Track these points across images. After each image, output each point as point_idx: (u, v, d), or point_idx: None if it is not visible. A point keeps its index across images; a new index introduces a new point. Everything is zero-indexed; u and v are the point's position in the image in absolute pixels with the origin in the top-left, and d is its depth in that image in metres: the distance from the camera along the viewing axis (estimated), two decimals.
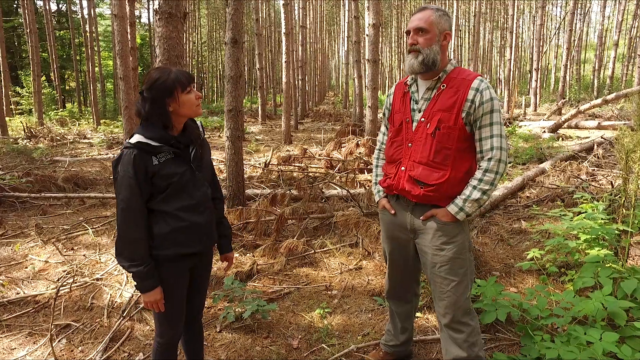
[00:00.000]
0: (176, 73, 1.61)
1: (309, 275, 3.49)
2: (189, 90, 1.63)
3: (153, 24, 2.77)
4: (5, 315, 3.00)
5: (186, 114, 1.66)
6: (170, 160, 1.63)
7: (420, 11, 1.81)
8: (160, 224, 1.64)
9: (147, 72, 1.62)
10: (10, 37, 23.65)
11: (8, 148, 10.07)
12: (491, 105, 1.73)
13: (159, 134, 1.60)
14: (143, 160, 1.57)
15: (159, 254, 1.65)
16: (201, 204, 1.71)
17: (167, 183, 1.61)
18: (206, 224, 1.74)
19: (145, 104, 1.61)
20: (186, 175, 1.66)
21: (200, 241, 1.72)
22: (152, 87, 1.59)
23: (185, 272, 1.75)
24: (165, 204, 1.63)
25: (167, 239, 1.64)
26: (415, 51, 1.78)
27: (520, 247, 3.96)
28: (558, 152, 7.53)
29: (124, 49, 5.68)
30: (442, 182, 1.76)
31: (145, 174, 1.58)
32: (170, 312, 1.73)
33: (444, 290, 1.84)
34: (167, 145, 1.61)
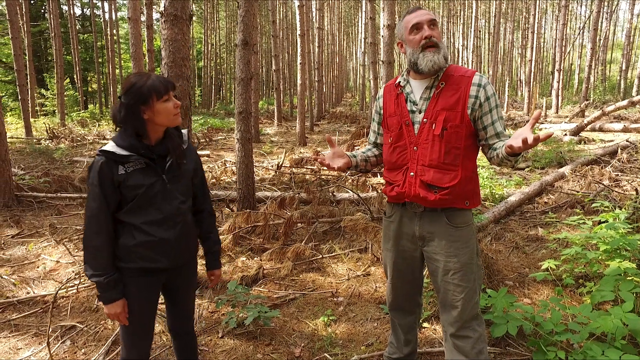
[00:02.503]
0: (154, 80, 1.54)
1: (315, 281, 3.43)
2: (166, 98, 1.55)
3: (159, 25, 2.75)
4: (14, 315, 3.03)
5: (162, 123, 1.58)
6: (139, 171, 1.56)
7: (421, 9, 1.76)
8: (126, 236, 1.58)
9: (127, 77, 1.57)
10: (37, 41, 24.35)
11: (31, 148, 10.36)
12: (495, 100, 1.72)
13: (129, 142, 1.54)
14: (109, 169, 1.52)
15: (122, 266, 1.59)
16: (170, 219, 1.63)
17: (133, 194, 1.55)
18: (176, 240, 1.65)
19: (121, 109, 1.54)
20: (155, 187, 1.58)
21: (167, 257, 1.64)
22: (127, 93, 1.53)
23: (153, 288, 1.67)
24: (131, 216, 1.57)
25: (131, 252, 1.58)
26: (435, 46, 1.70)
27: (536, 255, 3.81)
28: (579, 156, 7.28)
29: (137, 51, 5.76)
30: (455, 183, 1.69)
31: (112, 183, 1.52)
32: (133, 328, 1.65)
33: (456, 298, 1.76)
34: (136, 154, 1.54)
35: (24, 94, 13.00)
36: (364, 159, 2.01)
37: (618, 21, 43.57)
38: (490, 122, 1.71)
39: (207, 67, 29.63)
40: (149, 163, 1.57)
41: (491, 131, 1.71)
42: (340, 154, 1.89)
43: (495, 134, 1.71)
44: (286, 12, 26.55)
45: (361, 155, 2.02)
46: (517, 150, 1.48)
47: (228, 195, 5.44)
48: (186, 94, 2.89)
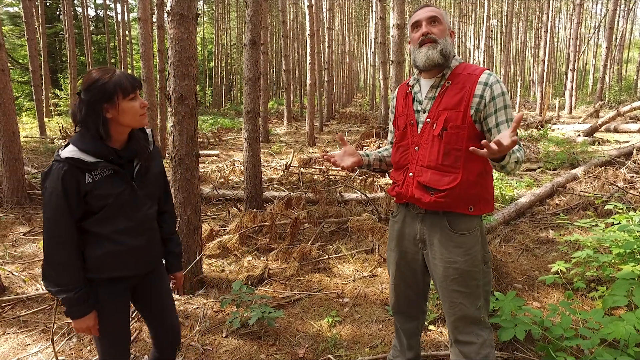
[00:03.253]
0: (119, 76, 1.41)
1: (321, 282, 3.40)
2: (133, 97, 1.43)
3: (166, 25, 2.76)
4: (23, 311, 3.07)
5: (128, 124, 1.45)
6: (107, 178, 1.43)
7: (426, 6, 1.72)
8: (93, 246, 1.46)
9: (89, 72, 1.44)
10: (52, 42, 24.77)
11: (44, 148, 10.52)
12: (503, 101, 1.61)
13: (95, 146, 1.40)
14: (74, 177, 1.37)
15: (91, 277, 1.49)
16: (140, 226, 1.53)
17: (102, 204, 1.42)
18: (145, 247, 1.57)
19: (81, 106, 1.40)
20: (124, 195, 1.47)
21: (137, 264, 1.56)
22: (89, 89, 1.39)
23: (123, 293, 1.58)
24: (99, 226, 1.45)
25: (100, 263, 1.48)
26: (432, 41, 1.64)
27: (546, 258, 3.74)
28: (592, 157, 7.13)
29: (146, 51, 5.80)
30: (453, 186, 1.63)
31: (77, 193, 1.39)
32: (109, 339, 1.56)
33: (455, 304, 1.71)
34: (105, 160, 1.41)
35: (38, 94, 13.22)
36: (379, 158, 1.96)
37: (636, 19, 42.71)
38: (494, 124, 1.61)
39: (217, 67, 29.82)
40: (118, 170, 1.46)
41: (495, 134, 1.61)
42: (351, 153, 1.85)
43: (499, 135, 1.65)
44: (297, 13, 26.59)
45: (376, 154, 1.97)
46: (489, 155, 1.39)
47: (236, 195, 5.45)
48: (192, 93, 2.90)
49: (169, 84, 2.89)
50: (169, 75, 2.89)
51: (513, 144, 1.34)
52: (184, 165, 2.94)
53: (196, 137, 2.98)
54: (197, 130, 3.00)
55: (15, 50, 23.62)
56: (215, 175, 7.10)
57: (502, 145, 1.34)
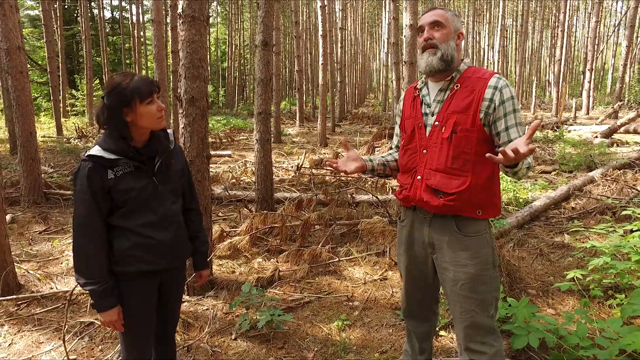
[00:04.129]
0: (137, 81, 1.49)
1: (331, 284, 3.39)
2: (150, 101, 1.50)
3: (177, 27, 2.78)
4: (38, 309, 3.12)
5: (145, 126, 1.54)
6: (129, 174, 1.52)
7: (433, 9, 1.70)
8: (120, 240, 1.55)
9: (111, 76, 1.53)
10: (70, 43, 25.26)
11: (61, 147, 10.72)
12: (513, 105, 1.60)
13: (116, 145, 1.49)
14: (98, 174, 1.47)
15: (119, 270, 1.56)
16: (165, 220, 1.61)
17: (125, 198, 1.51)
18: (172, 241, 1.63)
19: (104, 110, 1.49)
20: (147, 189, 1.56)
21: (164, 258, 1.62)
22: (110, 94, 1.48)
23: (152, 290, 1.66)
24: (125, 220, 1.53)
25: (128, 255, 1.55)
26: (433, 47, 1.65)
27: (562, 263, 3.66)
28: (611, 160, 6.97)
29: (159, 52, 5.86)
30: (462, 189, 1.61)
31: (102, 188, 1.48)
32: (135, 333, 1.63)
33: (465, 310, 1.69)
34: (125, 157, 1.51)
35: (56, 95, 13.49)
36: (382, 163, 1.95)
37: None
38: (503, 128, 1.60)
39: (230, 68, 30.01)
40: (139, 166, 1.54)
41: (504, 138, 1.60)
42: (355, 158, 1.85)
43: (508, 141, 1.59)
44: (309, 13, 26.61)
45: (380, 159, 1.96)
46: (505, 162, 1.36)
47: (247, 196, 5.47)
48: (203, 94, 2.91)
49: (180, 85, 2.90)
50: (180, 77, 2.90)
51: (530, 151, 1.32)
52: (194, 167, 2.95)
53: (207, 139, 2.99)
54: (207, 132, 3.01)
55: (35, 52, 24.13)
56: (227, 176, 7.13)
57: (518, 153, 1.32)
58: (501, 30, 20.43)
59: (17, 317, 3.00)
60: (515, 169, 1.49)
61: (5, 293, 3.25)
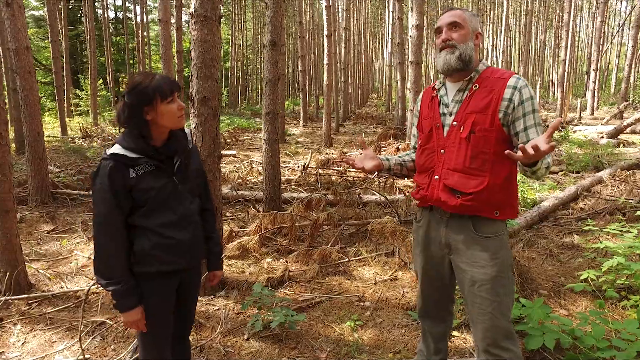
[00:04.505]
0: (159, 80, 1.49)
1: (341, 285, 3.38)
2: (171, 100, 1.51)
3: (189, 27, 2.78)
4: (49, 309, 3.12)
5: (166, 125, 1.54)
6: (150, 173, 1.52)
7: (451, 9, 1.72)
8: (141, 240, 1.54)
9: (131, 75, 1.53)
10: (74, 43, 25.32)
11: (66, 147, 10.74)
12: (532, 105, 1.60)
13: (137, 144, 1.49)
14: (120, 172, 1.47)
15: (140, 270, 1.56)
16: (184, 219, 1.61)
17: (146, 197, 1.51)
18: (191, 240, 1.64)
19: (124, 109, 1.50)
20: (167, 189, 1.56)
21: (184, 258, 1.63)
22: (131, 92, 1.48)
23: (171, 290, 1.66)
24: (145, 220, 1.54)
25: (149, 256, 1.55)
26: (451, 47, 1.66)
27: (572, 264, 3.64)
28: (618, 160, 6.94)
29: (167, 52, 5.86)
30: (480, 189, 1.61)
31: (123, 187, 1.48)
32: (155, 333, 1.64)
33: (484, 312, 1.68)
34: (146, 156, 1.51)
35: (60, 95, 13.53)
36: (400, 163, 1.95)
37: None
38: (522, 128, 1.59)
39: (233, 68, 30.03)
40: (159, 165, 1.55)
41: (523, 138, 1.59)
42: (372, 156, 1.86)
43: (527, 141, 1.58)
44: (313, 14, 26.60)
45: (397, 159, 1.96)
46: (525, 159, 1.36)
47: (255, 196, 5.47)
48: (215, 94, 2.91)
49: (192, 85, 2.90)
50: (192, 76, 2.90)
51: (550, 149, 1.32)
52: (206, 167, 2.94)
53: (218, 139, 2.99)
54: (219, 132, 3.01)
55: (39, 52, 24.21)
56: (233, 176, 7.14)
57: (539, 150, 1.32)
58: (505, 30, 20.38)
59: (29, 316, 3.01)
60: (534, 167, 1.49)
61: (17, 292, 3.26)
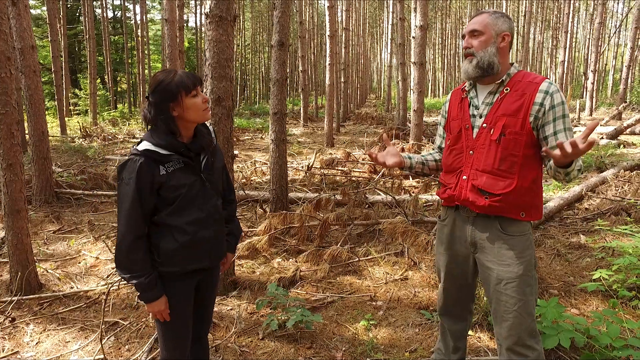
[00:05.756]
0: (180, 76, 1.50)
1: (352, 284, 3.39)
2: (195, 93, 1.51)
3: (204, 27, 2.78)
4: (61, 309, 3.12)
5: (193, 119, 1.54)
6: (179, 170, 1.52)
7: (477, 15, 1.74)
8: (167, 239, 1.54)
9: (154, 75, 1.53)
10: (72, 43, 25.24)
11: (66, 147, 10.71)
12: (563, 110, 1.62)
13: (167, 141, 1.49)
14: (150, 169, 1.47)
15: (164, 270, 1.56)
16: (211, 217, 1.62)
17: (175, 195, 1.51)
18: (215, 238, 1.64)
19: (150, 108, 1.51)
20: (196, 186, 1.56)
21: (208, 256, 1.64)
22: (155, 91, 1.49)
23: (192, 288, 1.66)
24: (172, 218, 1.53)
25: (175, 256, 1.55)
26: (470, 55, 1.70)
27: (580, 263, 3.67)
28: (621, 160, 6.99)
29: (173, 52, 5.85)
30: (509, 191, 1.64)
31: (151, 184, 1.48)
32: (176, 331, 1.65)
33: (509, 310, 1.70)
34: (176, 153, 1.51)
35: (59, 94, 13.48)
36: (422, 162, 1.98)
37: None
38: (552, 132, 1.61)
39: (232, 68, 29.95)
40: (188, 162, 1.54)
41: (552, 142, 1.61)
42: (394, 153, 1.89)
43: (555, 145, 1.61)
44: (312, 14, 26.61)
45: (419, 158, 1.99)
46: (561, 158, 1.39)
47: (262, 196, 5.47)
48: (229, 94, 2.91)
49: (206, 85, 2.90)
50: (206, 76, 2.90)
51: (589, 146, 1.34)
52: None
53: (232, 139, 3.00)
54: (232, 132, 3.01)
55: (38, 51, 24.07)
56: (237, 176, 7.14)
57: (576, 147, 1.35)
58: None
59: (41, 316, 3.00)
60: (568, 169, 1.51)
61: (28, 292, 3.25)
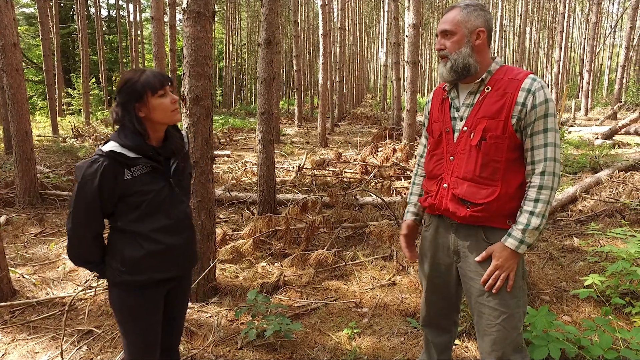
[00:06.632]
0: (147, 75, 1.43)
1: (338, 290, 3.28)
2: (162, 93, 1.44)
3: (181, 23, 2.66)
4: (34, 316, 2.99)
5: (160, 120, 1.46)
6: (146, 175, 1.45)
7: (448, 11, 1.59)
8: (132, 247, 1.46)
9: (122, 74, 1.47)
10: (66, 42, 25.02)
11: (57, 147, 10.55)
12: (546, 109, 1.48)
13: (135, 143, 1.41)
14: (114, 172, 1.39)
15: (130, 279, 1.48)
16: (180, 224, 1.54)
17: (141, 200, 1.43)
18: (184, 246, 1.56)
19: (118, 108, 1.44)
20: (163, 192, 1.48)
21: (177, 265, 1.55)
22: (122, 90, 1.42)
23: (160, 298, 1.57)
24: (137, 224, 1.46)
25: (140, 264, 1.47)
26: (444, 57, 1.57)
27: (573, 267, 3.57)
28: (615, 161, 6.91)
29: (159, 50, 5.74)
30: (491, 200, 1.52)
31: (113, 189, 1.40)
32: (144, 342, 1.56)
33: (492, 324, 1.59)
34: (144, 157, 1.43)
35: (51, 94, 13.30)
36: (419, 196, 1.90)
37: None
38: (529, 135, 1.50)
39: (228, 67, 29.85)
40: (156, 166, 1.47)
41: (528, 145, 1.51)
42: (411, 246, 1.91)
43: (531, 148, 1.50)
44: (307, 13, 26.51)
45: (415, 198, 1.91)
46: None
47: (249, 197, 5.36)
48: (208, 93, 2.80)
49: (184, 84, 2.79)
50: (184, 75, 2.79)
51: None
52: (198, 169, 2.84)
53: (211, 139, 2.88)
54: (212, 132, 2.90)
55: (30, 50, 23.88)
56: (227, 177, 7.02)
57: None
58: (499, 31, 20.41)
59: (11, 324, 2.88)
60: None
61: (0, 299, 3.12)
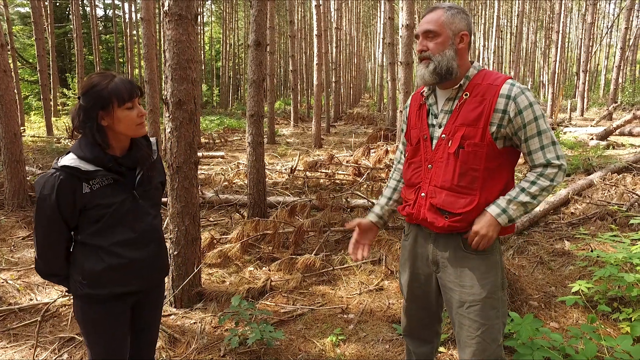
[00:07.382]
0: (117, 83, 1.34)
1: (325, 295, 3.25)
2: (130, 106, 1.36)
3: (164, 26, 2.62)
4: (15, 323, 2.95)
5: (123, 133, 1.39)
6: (107, 187, 1.37)
7: (430, 12, 1.53)
8: (92, 260, 1.40)
9: (89, 76, 1.39)
10: (62, 41, 24.90)
11: (50, 148, 10.48)
12: (532, 112, 1.45)
13: (93, 152, 1.33)
14: (70, 187, 1.32)
15: (90, 293, 1.42)
16: (144, 237, 1.47)
17: (102, 214, 1.37)
18: (151, 258, 1.50)
19: (80, 111, 1.35)
20: (125, 204, 1.41)
21: (140, 278, 1.49)
22: (86, 94, 1.34)
23: (124, 312, 1.51)
24: (99, 238, 1.39)
25: (101, 277, 1.41)
26: (426, 59, 1.51)
27: (563, 272, 3.55)
28: (609, 163, 6.89)
29: (149, 52, 5.68)
30: (470, 209, 1.49)
31: (72, 203, 1.33)
32: (108, 355, 1.51)
33: (472, 335, 1.55)
34: (104, 169, 1.36)
35: (45, 94, 13.24)
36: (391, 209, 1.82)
37: None
38: (523, 139, 1.48)
39: (225, 67, 29.77)
40: (118, 178, 1.40)
41: (524, 149, 1.50)
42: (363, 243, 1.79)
43: (528, 153, 1.49)
44: (304, 13, 26.45)
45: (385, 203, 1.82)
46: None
47: (239, 200, 5.32)
48: (191, 97, 2.76)
49: (166, 87, 2.75)
50: (166, 78, 2.75)
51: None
52: (182, 173, 2.80)
53: (195, 144, 2.84)
54: (196, 136, 2.86)
55: (26, 49, 23.75)
56: (220, 178, 6.98)
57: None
58: (496, 31, 20.41)
59: None
60: None
61: None
